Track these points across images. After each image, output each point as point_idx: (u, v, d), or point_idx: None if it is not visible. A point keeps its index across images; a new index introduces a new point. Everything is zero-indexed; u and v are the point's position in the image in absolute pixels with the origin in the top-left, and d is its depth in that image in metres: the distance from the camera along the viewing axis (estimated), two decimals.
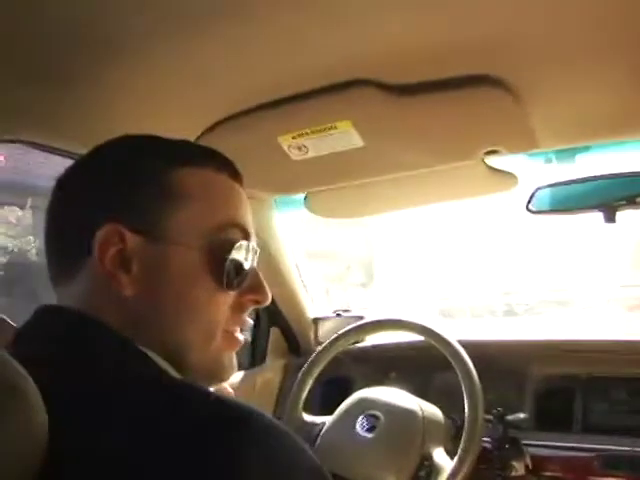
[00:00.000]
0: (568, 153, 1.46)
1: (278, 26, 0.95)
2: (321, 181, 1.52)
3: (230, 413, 0.65)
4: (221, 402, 0.67)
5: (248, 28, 0.95)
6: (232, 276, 0.78)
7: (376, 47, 1.03)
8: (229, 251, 0.78)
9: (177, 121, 1.27)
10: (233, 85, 1.15)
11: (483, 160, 1.38)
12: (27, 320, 0.77)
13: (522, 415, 1.57)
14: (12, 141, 1.19)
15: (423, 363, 1.78)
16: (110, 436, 0.61)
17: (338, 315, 2.12)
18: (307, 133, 1.26)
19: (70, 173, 0.81)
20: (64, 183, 0.81)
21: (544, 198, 1.47)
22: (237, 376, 1.98)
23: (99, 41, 0.97)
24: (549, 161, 1.49)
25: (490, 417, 1.55)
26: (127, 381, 0.67)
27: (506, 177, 1.45)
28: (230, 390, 1.54)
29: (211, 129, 1.30)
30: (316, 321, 2.10)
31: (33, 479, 0.58)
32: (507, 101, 1.14)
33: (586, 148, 1.43)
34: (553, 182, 1.46)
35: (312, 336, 2.10)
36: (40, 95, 1.09)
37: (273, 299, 1.97)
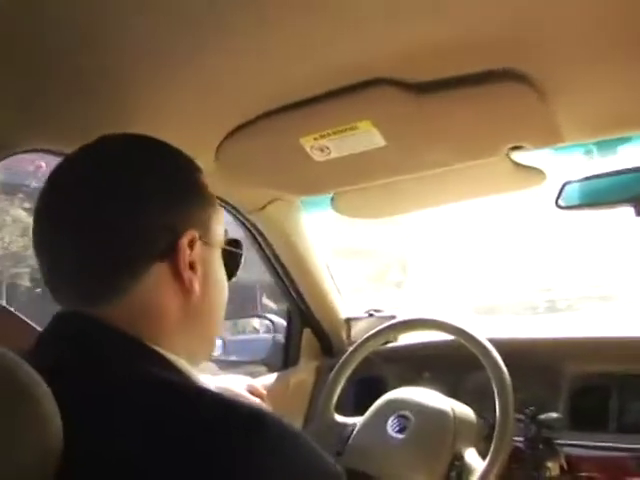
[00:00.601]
0: (609, 145, 1.42)
1: (295, 28, 0.95)
2: (345, 181, 1.52)
3: (244, 417, 0.65)
4: (235, 406, 0.67)
5: (265, 31, 0.95)
6: (236, 270, 0.89)
7: (394, 45, 1.02)
8: (240, 248, 0.89)
9: (199, 127, 1.28)
10: (253, 89, 1.15)
11: (508, 156, 1.35)
12: (47, 325, 0.77)
13: (555, 415, 1.53)
14: (36, 151, 1.21)
15: (455, 362, 1.75)
16: (123, 441, 0.62)
17: (370, 315, 2.11)
18: (328, 134, 1.26)
19: (104, 174, 0.76)
20: (95, 183, 0.75)
21: (573, 193, 1.45)
22: (270, 378, 1.99)
23: (120, 56, 0.99)
24: (589, 153, 1.46)
25: (522, 417, 1.53)
26: (141, 385, 0.68)
27: (533, 173, 1.43)
28: (263, 391, 1.55)
29: (233, 133, 1.30)
30: (348, 321, 2.09)
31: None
32: (531, 95, 1.12)
33: (627, 139, 1.39)
34: (582, 177, 1.43)
35: (344, 336, 2.09)
36: (63, 107, 1.11)
37: (304, 300, 1.98)
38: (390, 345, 1.99)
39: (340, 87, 1.15)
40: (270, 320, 2.18)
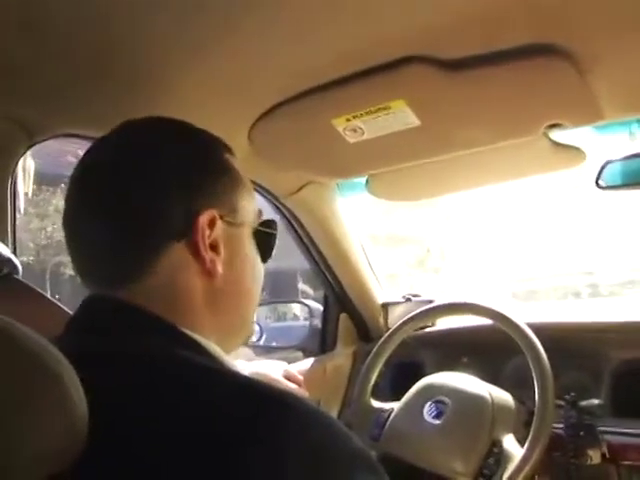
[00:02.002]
0: None
1: (325, 7, 0.94)
2: (379, 163, 1.50)
3: (274, 403, 0.64)
4: (265, 392, 0.66)
5: (296, 11, 0.94)
6: (270, 251, 0.87)
7: (427, 20, 0.99)
8: (274, 229, 0.87)
9: (231, 109, 1.27)
10: (283, 70, 1.14)
11: (546, 135, 1.31)
12: (76, 310, 0.77)
13: (596, 401, 1.50)
14: (69, 136, 1.22)
15: (494, 348, 1.72)
16: (153, 425, 0.61)
17: (408, 300, 2.08)
18: (361, 114, 1.24)
19: (128, 159, 0.76)
20: (120, 168, 0.75)
21: (614, 173, 1.40)
22: (307, 363, 1.98)
23: (150, 39, 0.99)
24: (631, 131, 1.41)
25: (563, 403, 1.50)
26: (173, 370, 0.67)
27: (572, 152, 1.39)
28: (299, 377, 1.54)
29: (265, 115, 1.29)
30: (385, 306, 2.07)
31: (71, 469, 0.58)
32: (570, 70, 1.08)
33: None
34: (623, 156, 1.38)
35: (382, 321, 2.07)
36: (94, 92, 1.11)
37: (341, 285, 1.97)
38: (428, 330, 1.97)
39: (372, 66, 1.13)
40: (307, 305, 2.17)
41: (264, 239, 0.85)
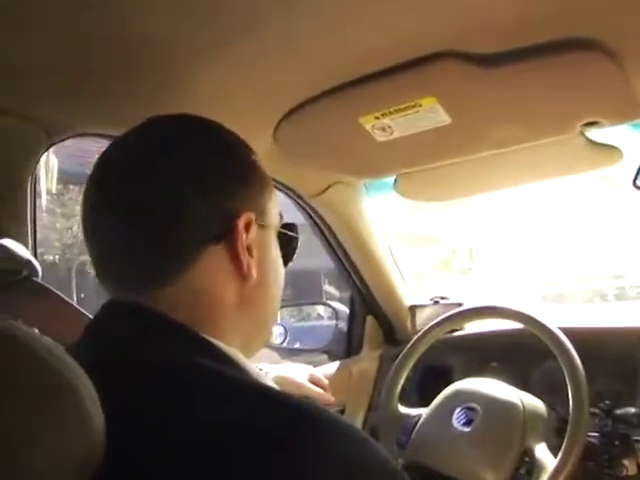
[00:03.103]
0: None
1: (353, 1, 0.91)
2: (409, 162, 1.47)
3: (292, 413, 0.62)
4: (283, 401, 0.64)
5: (322, 7, 0.91)
6: (292, 255, 0.86)
7: (459, 14, 0.96)
8: (296, 232, 0.86)
9: (256, 108, 1.25)
10: (310, 67, 1.12)
11: (583, 133, 1.27)
12: (95, 315, 0.75)
13: (633, 410, 1.45)
14: (89, 135, 1.20)
15: (525, 352, 1.68)
16: (167, 435, 0.60)
17: (436, 302, 2.04)
18: (390, 112, 1.21)
19: (160, 157, 0.73)
20: (151, 167, 0.73)
21: None
22: (332, 366, 1.96)
23: (172, 36, 0.96)
24: None
25: (597, 411, 1.45)
26: (189, 377, 0.65)
27: (609, 151, 1.35)
28: (325, 381, 1.52)
29: (290, 114, 1.27)
30: (413, 309, 2.03)
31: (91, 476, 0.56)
32: (608, 66, 1.04)
33: None
34: None
35: (409, 325, 2.02)
36: (114, 90, 1.10)
37: (368, 287, 1.94)
38: (457, 334, 1.93)
39: (401, 62, 1.10)
40: (332, 307, 2.14)
41: (287, 242, 0.84)
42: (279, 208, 0.83)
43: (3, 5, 0.82)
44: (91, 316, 0.97)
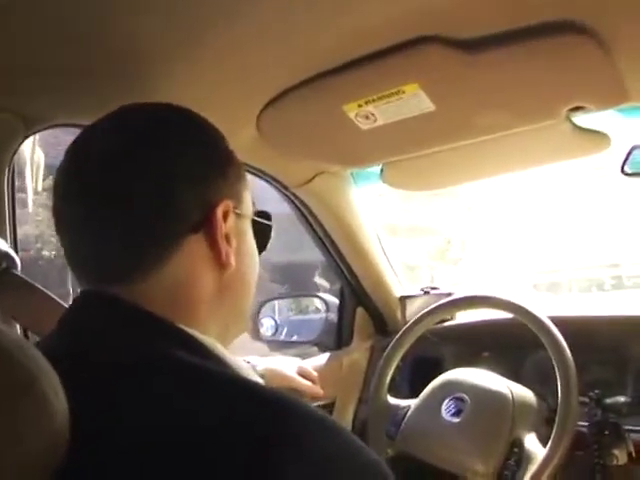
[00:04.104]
0: None
1: None
2: (394, 151, 1.45)
3: (267, 406, 0.61)
4: (258, 394, 0.63)
5: None
6: (267, 243, 0.86)
7: None
8: (270, 220, 0.86)
9: (238, 96, 1.24)
10: (291, 55, 1.10)
11: (569, 118, 1.25)
12: (68, 307, 0.74)
13: (623, 398, 1.44)
14: (66, 125, 1.18)
15: (515, 342, 1.67)
16: (136, 428, 0.58)
17: (426, 293, 2.03)
18: (373, 100, 1.19)
19: (134, 146, 0.71)
20: (125, 156, 0.70)
21: None
22: (322, 358, 1.95)
23: (154, 32, 0.95)
24: None
25: (587, 400, 1.44)
26: (161, 370, 0.63)
27: (597, 137, 1.33)
28: (314, 373, 1.50)
29: (273, 102, 1.25)
30: (403, 299, 2.02)
31: (53, 472, 0.55)
32: (594, 50, 1.02)
33: None
34: None
35: (399, 315, 2.01)
36: (98, 81, 1.08)
37: (357, 278, 1.93)
38: (447, 324, 1.92)
39: (383, 48, 1.08)
40: (322, 299, 2.13)
41: (262, 230, 0.84)
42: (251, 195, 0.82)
43: None
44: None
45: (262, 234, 0.84)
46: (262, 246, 0.84)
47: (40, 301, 1.08)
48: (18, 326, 1.18)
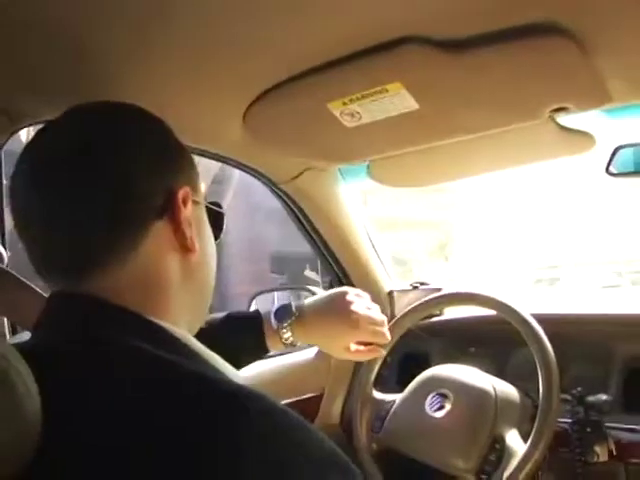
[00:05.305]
0: None
1: None
2: (379, 148, 1.45)
3: (225, 397, 0.61)
4: (226, 388, 0.63)
5: None
6: (221, 230, 0.90)
7: None
8: (222, 208, 0.90)
9: (224, 93, 1.23)
10: (276, 53, 1.09)
11: (553, 119, 1.26)
12: (44, 308, 0.74)
13: (604, 397, 1.45)
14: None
15: (503, 338, 1.67)
16: (104, 424, 0.59)
17: (415, 287, 2.04)
18: (357, 98, 1.19)
19: (94, 142, 0.72)
20: (88, 153, 0.71)
21: (627, 159, 1.35)
22: (312, 351, 1.95)
23: (140, 31, 0.95)
24: None
25: (569, 397, 1.45)
26: (128, 365, 0.64)
27: (581, 137, 1.33)
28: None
29: (259, 99, 1.24)
30: (392, 294, 2.03)
31: (24, 465, 0.57)
32: (574, 51, 1.02)
33: None
34: (636, 141, 1.33)
35: (388, 310, 2.02)
36: (81, 79, 1.07)
37: (345, 272, 1.93)
38: (435, 319, 1.93)
39: (366, 47, 1.07)
40: (313, 293, 2.13)
41: (216, 218, 0.88)
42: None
43: None
44: None
45: (217, 221, 0.87)
46: (217, 234, 0.87)
47: (28, 296, 1.08)
48: (5, 320, 1.19)
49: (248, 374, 1.35)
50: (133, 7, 0.90)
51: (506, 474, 1.32)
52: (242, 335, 1.19)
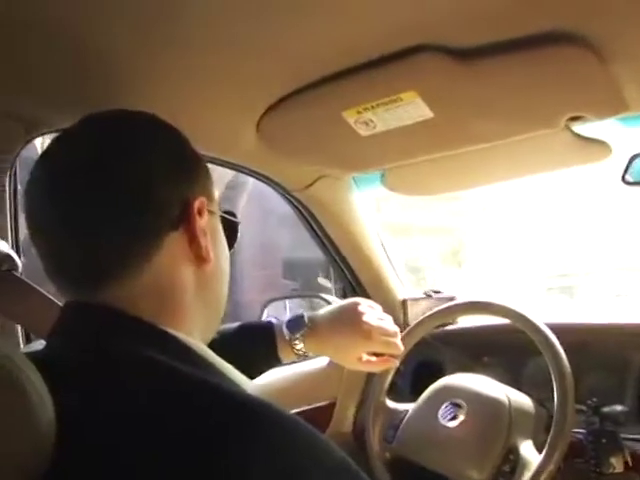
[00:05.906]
0: None
1: None
2: (393, 157, 1.45)
3: (237, 408, 0.61)
4: (228, 397, 0.63)
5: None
6: (235, 239, 0.89)
7: (438, 7, 0.93)
8: (237, 217, 0.90)
9: (238, 101, 1.24)
10: (291, 61, 1.10)
11: (568, 127, 1.25)
12: (59, 317, 0.74)
13: (620, 407, 1.44)
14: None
15: (517, 348, 1.66)
16: (116, 433, 0.59)
17: (428, 296, 2.03)
18: (372, 107, 1.19)
19: (111, 151, 0.72)
20: (106, 162, 0.71)
21: None
22: (324, 359, 1.94)
23: (156, 39, 0.95)
24: None
25: (584, 408, 1.44)
26: (141, 376, 0.64)
27: (597, 146, 1.32)
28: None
29: (273, 107, 1.25)
30: (405, 302, 2.02)
31: (40, 475, 0.56)
32: (591, 60, 1.02)
33: None
34: None
35: (401, 318, 2.01)
36: (98, 88, 1.08)
37: (359, 280, 1.93)
38: (449, 328, 1.92)
39: (381, 56, 1.08)
40: (326, 300, 2.12)
41: (231, 227, 0.87)
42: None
43: None
44: None
45: (231, 231, 0.87)
46: (231, 243, 0.86)
47: (42, 303, 1.09)
48: (20, 328, 1.19)
49: (260, 382, 1.35)
50: (151, 20, 0.90)
51: None
52: (255, 345, 1.19)
